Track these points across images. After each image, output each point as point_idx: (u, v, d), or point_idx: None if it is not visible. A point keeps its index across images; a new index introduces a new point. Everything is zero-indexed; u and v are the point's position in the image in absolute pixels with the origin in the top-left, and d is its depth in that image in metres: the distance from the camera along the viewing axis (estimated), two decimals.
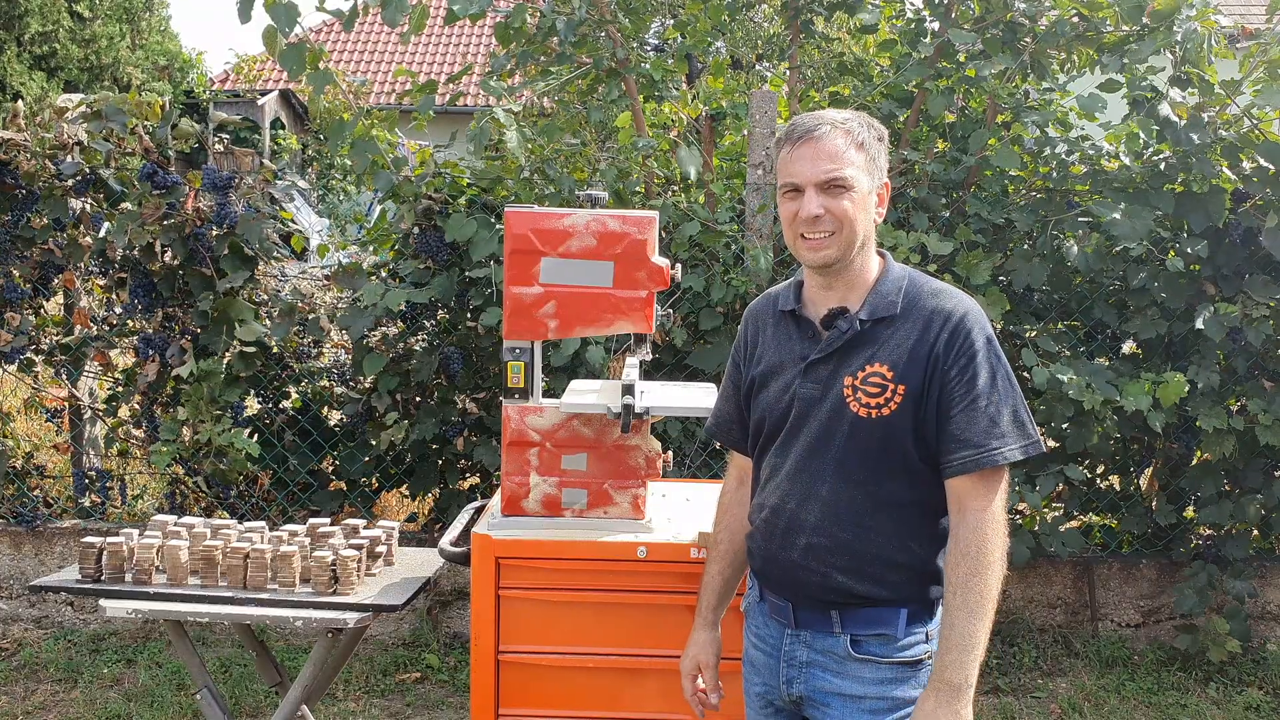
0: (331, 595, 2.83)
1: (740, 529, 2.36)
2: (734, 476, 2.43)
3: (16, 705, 4.11)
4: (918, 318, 2.09)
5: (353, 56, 19.61)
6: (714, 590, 2.41)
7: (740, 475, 2.40)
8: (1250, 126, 4.30)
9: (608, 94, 4.68)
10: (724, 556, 2.40)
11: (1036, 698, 4.32)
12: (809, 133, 2.09)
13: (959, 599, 1.98)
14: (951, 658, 1.98)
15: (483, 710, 2.72)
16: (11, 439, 5.00)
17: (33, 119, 4.61)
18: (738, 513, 2.37)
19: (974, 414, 2.02)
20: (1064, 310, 4.69)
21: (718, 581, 2.40)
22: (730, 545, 2.38)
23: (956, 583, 1.99)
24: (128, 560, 2.90)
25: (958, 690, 1.97)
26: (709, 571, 2.42)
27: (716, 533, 2.42)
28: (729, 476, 2.45)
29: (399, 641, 4.65)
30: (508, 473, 2.84)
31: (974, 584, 1.98)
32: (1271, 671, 4.49)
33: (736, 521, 2.37)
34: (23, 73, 17.55)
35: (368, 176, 4.46)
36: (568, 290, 2.75)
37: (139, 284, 4.62)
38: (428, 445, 4.65)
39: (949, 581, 2.01)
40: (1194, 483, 4.56)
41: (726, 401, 2.40)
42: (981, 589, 1.98)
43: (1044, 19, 4.42)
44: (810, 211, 2.07)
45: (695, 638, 2.40)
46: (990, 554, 2.00)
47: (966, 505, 2.03)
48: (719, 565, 2.40)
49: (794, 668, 2.18)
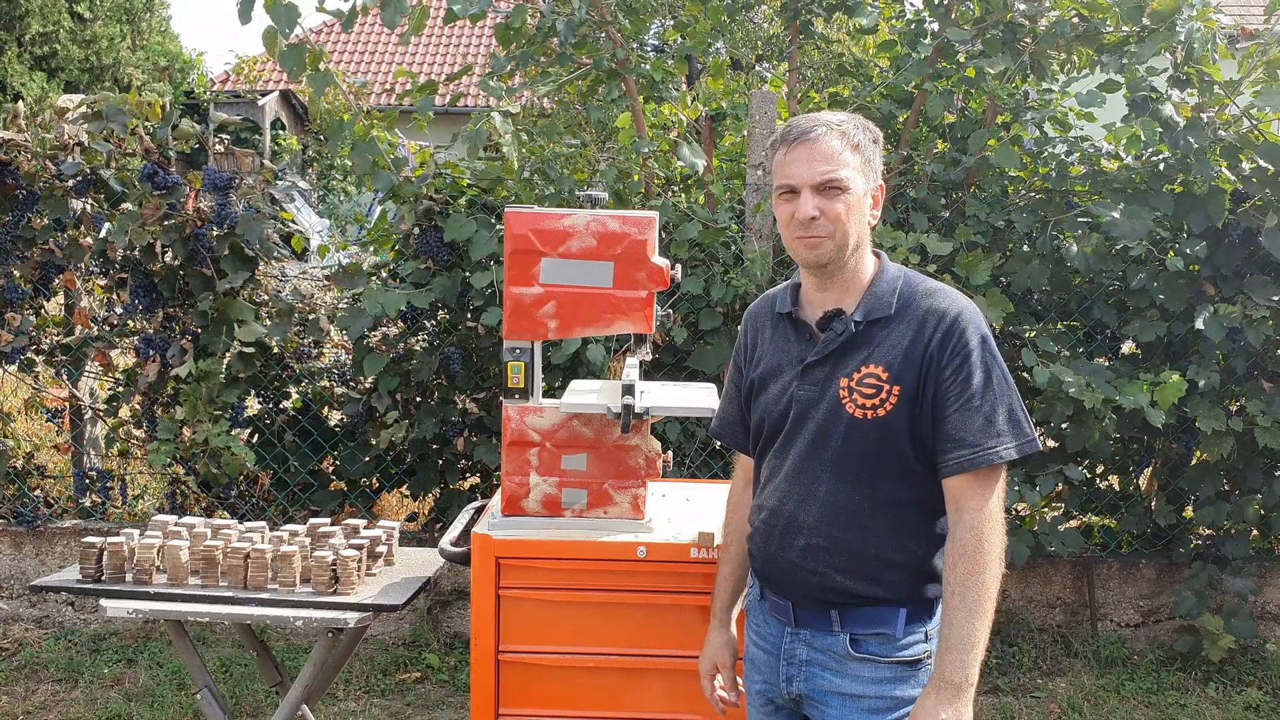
0: (332, 595, 2.84)
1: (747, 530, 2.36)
2: (740, 478, 2.44)
3: (17, 705, 4.12)
4: (912, 318, 2.10)
5: (353, 57, 19.62)
6: (727, 591, 2.42)
7: (746, 476, 2.42)
8: (1249, 127, 4.31)
9: (608, 94, 4.68)
10: (734, 558, 2.41)
11: (1036, 698, 4.32)
12: (804, 134, 2.10)
13: (958, 598, 1.99)
14: (952, 657, 1.98)
15: (483, 710, 2.73)
16: (12, 439, 5.01)
17: (33, 119, 4.62)
18: (745, 514, 2.38)
19: (969, 413, 2.03)
20: (1063, 310, 4.69)
21: (730, 583, 2.42)
22: (739, 547, 2.39)
23: (955, 582, 2.00)
24: (128, 560, 2.90)
25: (959, 689, 1.97)
26: (721, 573, 2.43)
27: (726, 534, 2.44)
28: (736, 478, 2.46)
29: (399, 641, 4.65)
30: (508, 473, 2.84)
31: (973, 583, 1.98)
32: (1271, 671, 4.49)
33: (745, 522, 2.38)
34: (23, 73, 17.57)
35: (368, 177, 4.47)
36: (568, 290, 2.75)
37: (139, 284, 4.62)
38: (428, 445, 4.65)
39: (948, 581, 2.02)
40: (1194, 483, 4.56)
41: (730, 403, 2.42)
42: (980, 588, 1.98)
43: (1044, 19, 4.42)
44: (806, 213, 2.08)
45: (711, 639, 2.42)
46: (988, 553, 2.00)
47: (963, 505, 2.03)
48: (730, 566, 2.42)
49: (794, 666, 2.19)
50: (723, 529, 2.47)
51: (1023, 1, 4.40)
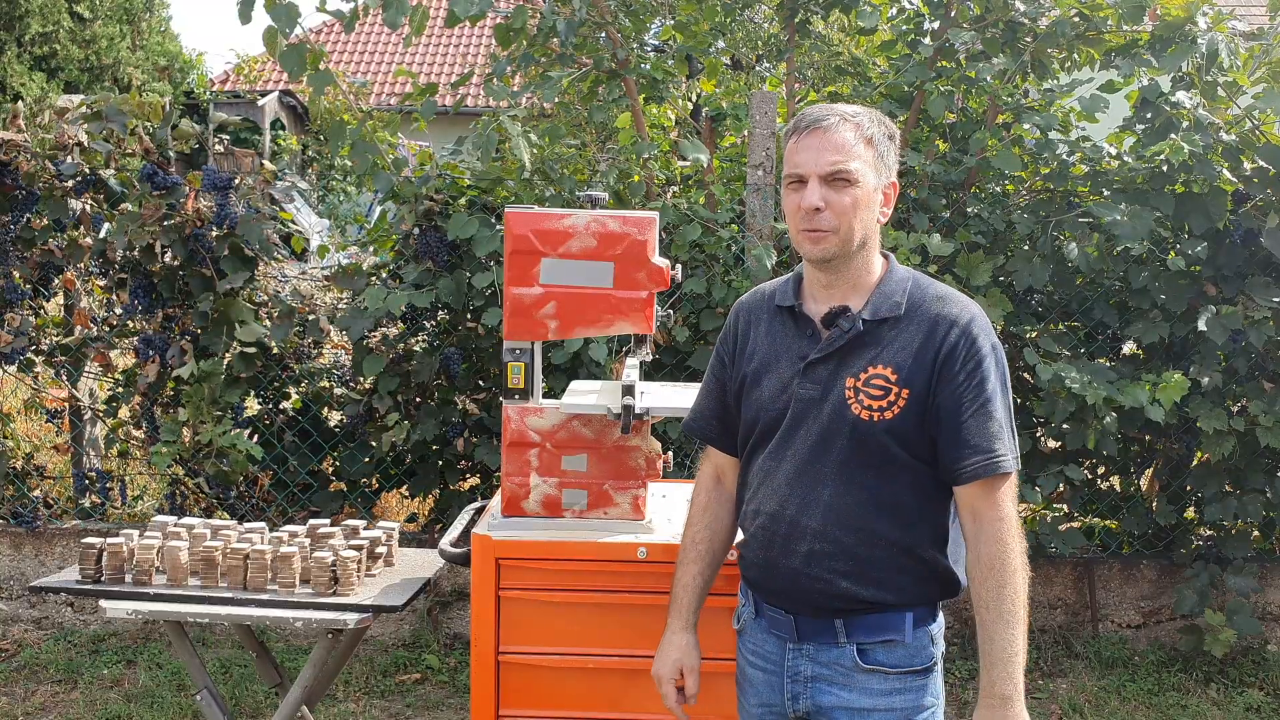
0: (331, 596, 2.83)
1: (723, 529, 2.31)
2: (710, 474, 2.35)
3: (16, 706, 4.11)
4: (922, 321, 2.06)
5: (353, 57, 19.61)
6: (694, 592, 2.32)
7: (717, 473, 2.34)
8: (1251, 128, 4.31)
9: (608, 95, 4.68)
10: (704, 557, 2.31)
11: (1037, 699, 4.32)
12: (817, 123, 2.05)
13: (993, 612, 1.97)
14: (998, 671, 1.96)
15: (483, 711, 2.72)
16: (12, 440, 5.00)
17: (33, 120, 4.61)
18: (718, 511, 2.31)
19: (984, 419, 2.01)
20: (1064, 311, 4.68)
21: (698, 583, 2.32)
22: (710, 545, 2.31)
23: (988, 597, 1.98)
24: (128, 561, 2.90)
25: (1008, 700, 1.96)
26: (688, 572, 2.32)
27: (694, 532, 2.33)
28: (704, 474, 2.37)
29: (399, 642, 4.65)
30: (508, 473, 2.84)
31: (1005, 594, 1.97)
32: (1272, 672, 4.49)
33: (718, 521, 2.31)
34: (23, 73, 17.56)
35: (368, 178, 4.46)
36: (568, 291, 2.75)
37: (139, 285, 4.62)
38: (428, 446, 4.64)
39: (979, 596, 1.99)
40: (1196, 483, 4.56)
41: (708, 397, 2.34)
42: (1013, 597, 1.97)
43: (1044, 19, 4.42)
44: (811, 202, 2.03)
45: (675, 640, 2.31)
46: (1013, 560, 1.99)
47: (981, 513, 2.01)
48: (699, 566, 2.31)
49: (798, 683, 2.13)
50: (686, 527, 2.36)
51: (1023, 2, 4.40)
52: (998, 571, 1.98)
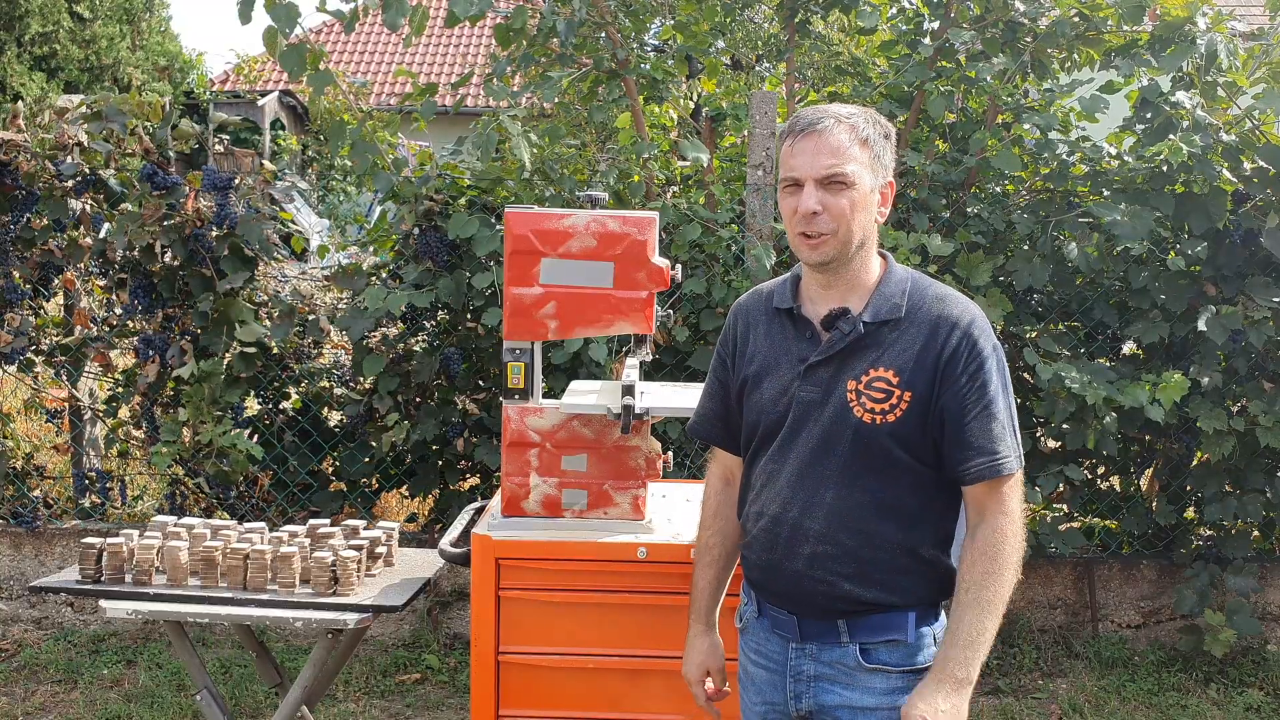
0: (331, 596, 2.83)
1: (734, 531, 2.31)
2: (719, 476, 2.36)
3: (16, 706, 4.11)
4: (923, 322, 2.06)
5: (353, 57, 19.61)
6: (710, 594, 2.34)
7: (725, 475, 2.34)
8: (1251, 128, 4.31)
9: (608, 95, 4.68)
10: (718, 561, 2.33)
11: (1037, 699, 4.32)
12: (811, 126, 2.04)
13: (971, 596, 1.97)
14: (957, 653, 1.96)
15: (483, 711, 2.72)
16: (11, 440, 5.00)
17: (33, 120, 4.61)
18: (728, 514, 2.31)
19: (988, 420, 2.01)
20: (1064, 311, 4.68)
21: (714, 586, 2.34)
22: (724, 549, 2.33)
23: (972, 580, 1.98)
24: (128, 561, 2.90)
25: (960, 684, 1.96)
26: (703, 577, 2.34)
27: (707, 537, 2.35)
28: (712, 476, 2.37)
29: (399, 642, 4.65)
30: (508, 473, 2.84)
31: (989, 583, 1.97)
32: (1272, 672, 4.49)
33: (729, 524, 2.32)
34: (23, 73, 17.55)
35: (368, 178, 4.46)
36: (568, 291, 2.75)
37: (139, 285, 4.62)
38: (428, 446, 4.64)
39: (964, 578, 1.99)
40: (1196, 483, 4.56)
41: (711, 399, 2.34)
42: (996, 589, 1.97)
43: (1044, 19, 4.42)
44: (808, 207, 2.02)
45: (697, 644, 2.33)
46: (1008, 556, 1.99)
47: (987, 509, 2.02)
48: (714, 570, 2.34)
49: (801, 682, 2.13)
50: (700, 530, 2.38)
51: (1023, 2, 4.40)
52: (990, 559, 1.99)
